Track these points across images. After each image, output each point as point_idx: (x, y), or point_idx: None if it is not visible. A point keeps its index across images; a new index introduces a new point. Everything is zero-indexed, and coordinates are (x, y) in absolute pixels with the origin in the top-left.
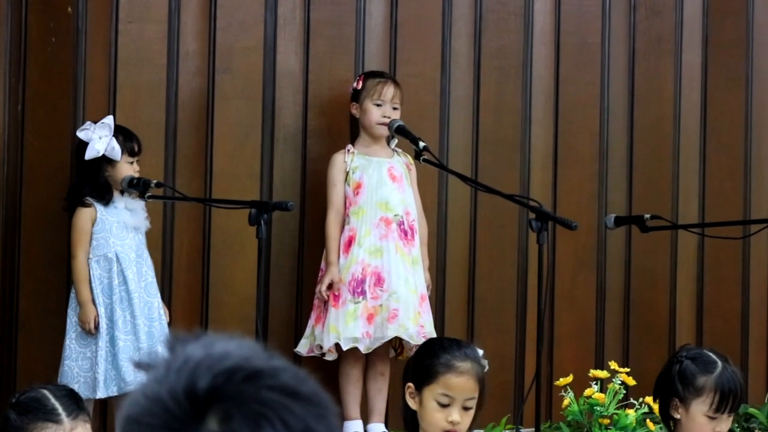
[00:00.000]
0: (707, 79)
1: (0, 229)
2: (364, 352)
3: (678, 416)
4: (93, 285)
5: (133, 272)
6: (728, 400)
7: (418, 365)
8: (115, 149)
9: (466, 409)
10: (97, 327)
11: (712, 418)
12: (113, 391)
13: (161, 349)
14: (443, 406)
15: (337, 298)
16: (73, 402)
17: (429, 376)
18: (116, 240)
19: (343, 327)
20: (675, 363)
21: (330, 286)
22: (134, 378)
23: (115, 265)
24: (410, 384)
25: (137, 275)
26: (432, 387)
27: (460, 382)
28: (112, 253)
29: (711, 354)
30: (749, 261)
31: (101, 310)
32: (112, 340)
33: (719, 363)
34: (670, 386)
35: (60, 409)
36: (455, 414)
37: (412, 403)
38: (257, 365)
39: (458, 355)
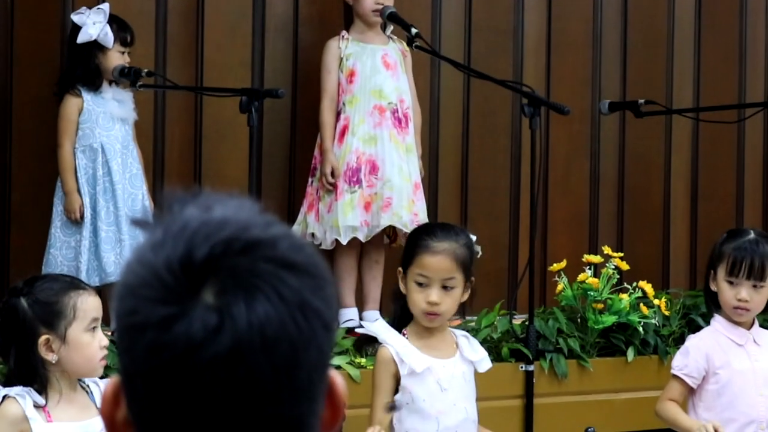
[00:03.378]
0: None
1: None
2: (363, 241)
3: (715, 289)
4: (78, 175)
5: (118, 163)
6: (741, 263)
7: (405, 249)
8: (108, 35)
9: (446, 289)
10: (82, 216)
11: (731, 284)
12: (95, 282)
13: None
14: (421, 285)
15: (336, 189)
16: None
17: (409, 257)
18: (102, 131)
19: (342, 218)
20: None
21: (332, 173)
22: (115, 269)
23: (100, 156)
24: (399, 268)
25: (122, 166)
26: (411, 268)
27: (434, 261)
28: (97, 143)
29: (749, 229)
30: (744, 145)
31: (86, 200)
32: (95, 231)
33: (748, 234)
34: (709, 261)
35: (79, 281)
36: (433, 294)
37: (402, 287)
38: (255, 235)
39: (436, 236)
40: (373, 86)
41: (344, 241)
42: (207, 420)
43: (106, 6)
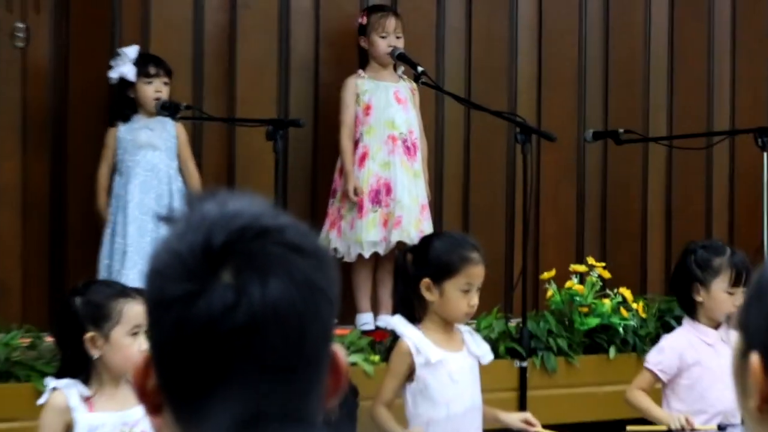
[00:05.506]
0: (674, 9)
1: (49, 151)
2: (382, 255)
3: (700, 299)
4: (112, 194)
5: (135, 185)
6: (743, 275)
7: (436, 263)
8: (126, 72)
9: (477, 291)
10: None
11: (730, 294)
12: None
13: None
14: (466, 292)
15: (361, 208)
16: (131, 288)
17: (450, 270)
18: (129, 156)
19: (365, 234)
20: (689, 254)
21: (355, 191)
22: (118, 276)
23: (124, 178)
24: (426, 279)
25: (140, 187)
26: (455, 279)
27: (478, 270)
28: (125, 167)
29: (717, 241)
30: (712, 169)
31: (110, 217)
32: (112, 240)
33: (724, 248)
34: (690, 274)
35: (130, 290)
36: (475, 298)
37: (428, 296)
38: (266, 223)
39: (476, 249)
40: (387, 118)
41: (367, 255)
42: (225, 386)
43: (128, 49)
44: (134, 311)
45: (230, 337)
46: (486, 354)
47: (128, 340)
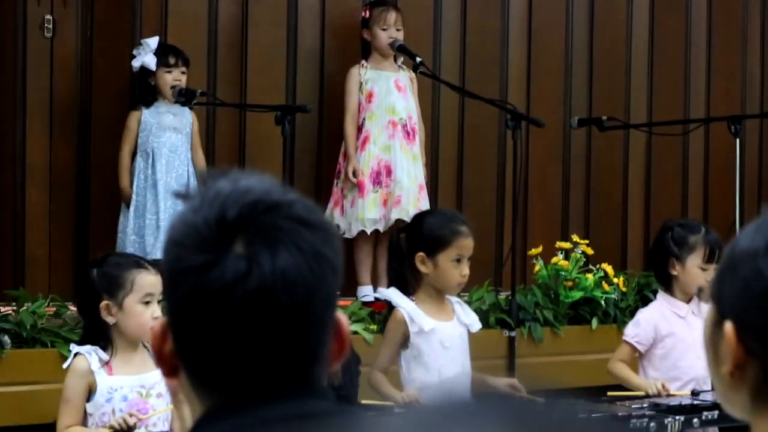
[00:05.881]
0: (654, 4)
1: (75, 134)
2: (381, 232)
3: (675, 273)
4: (134, 174)
5: (162, 164)
6: (716, 252)
7: (429, 237)
8: (148, 62)
9: (468, 262)
10: (128, 206)
11: (703, 269)
12: None
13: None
14: (457, 263)
15: (362, 188)
16: (145, 259)
17: (442, 243)
18: (154, 138)
19: (367, 212)
20: (667, 231)
21: (354, 173)
22: (152, 250)
23: (150, 158)
24: (421, 253)
25: (166, 167)
26: (447, 251)
27: (468, 242)
28: (150, 148)
29: (693, 220)
30: (689, 154)
31: (133, 194)
32: (140, 217)
33: (699, 226)
34: (667, 249)
35: (143, 262)
36: (466, 268)
37: (423, 268)
38: (275, 198)
39: (464, 223)
40: (388, 105)
41: (369, 231)
42: (238, 349)
43: (150, 40)
44: (146, 281)
45: (242, 302)
46: (474, 323)
47: (140, 308)
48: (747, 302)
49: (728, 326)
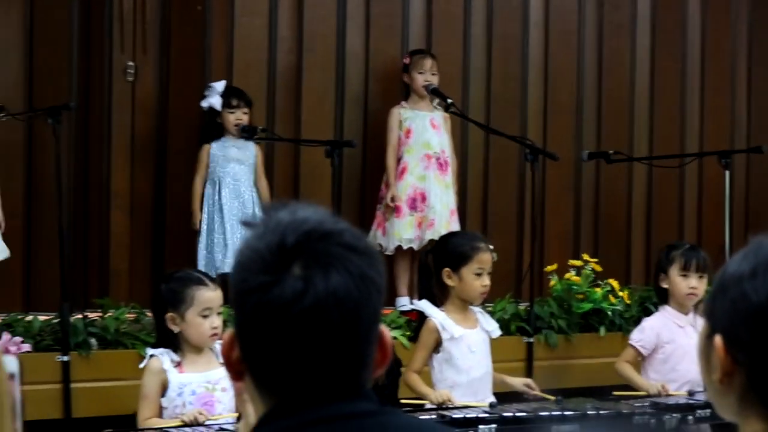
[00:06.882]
0: (654, 54)
1: (153, 164)
2: (416, 250)
3: (665, 285)
4: (204, 199)
5: (227, 192)
6: (692, 259)
7: (453, 254)
8: (215, 102)
9: (488, 275)
10: (194, 227)
11: (684, 276)
12: (212, 273)
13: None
14: (478, 275)
15: (399, 211)
16: (209, 277)
17: (465, 258)
18: (221, 168)
19: (403, 232)
20: (660, 253)
21: (392, 199)
22: (221, 265)
23: (217, 186)
24: (447, 269)
25: (231, 193)
26: (470, 265)
27: (487, 256)
28: (217, 177)
29: (683, 242)
30: (684, 184)
31: (204, 217)
32: (210, 237)
33: (684, 243)
34: (657, 267)
35: (205, 279)
36: (487, 280)
37: (449, 282)
38: (328, 227)
39: (483, 241)
40: (424, 140)
41: (405, 247)
42: (296, 357)
43: (217, 84)
44: (204, 296)
45: (299, 317)
46: (495, 330)
47: (199, 320)
48: (734, 319)
49: (718, 340)
